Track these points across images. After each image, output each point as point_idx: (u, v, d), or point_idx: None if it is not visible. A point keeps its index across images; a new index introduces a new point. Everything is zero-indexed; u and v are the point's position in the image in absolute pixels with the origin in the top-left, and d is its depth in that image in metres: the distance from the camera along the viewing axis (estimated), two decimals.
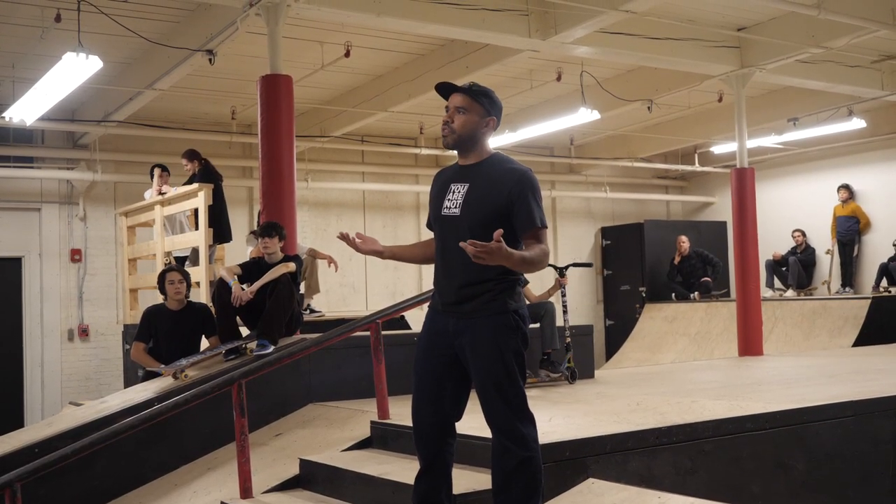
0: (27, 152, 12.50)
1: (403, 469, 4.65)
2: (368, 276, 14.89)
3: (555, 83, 11.80)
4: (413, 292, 13.43)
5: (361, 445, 5.60)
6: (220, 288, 7.01)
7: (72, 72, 8.37)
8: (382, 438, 5.56)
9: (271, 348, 6.70)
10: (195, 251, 9.56)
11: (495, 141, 12.75)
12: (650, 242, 16.40)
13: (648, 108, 12.47)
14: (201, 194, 8.98)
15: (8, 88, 10.77)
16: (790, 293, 14.93)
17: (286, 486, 5.26)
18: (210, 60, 8.98)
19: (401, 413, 5.37)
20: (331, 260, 9.55)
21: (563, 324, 7.51)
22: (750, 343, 10.71)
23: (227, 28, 8.45)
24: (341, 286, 14.44)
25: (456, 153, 3.92)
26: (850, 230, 15.08)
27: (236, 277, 7.03)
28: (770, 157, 16.26)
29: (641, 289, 16.32)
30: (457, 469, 4.02)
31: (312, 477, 5.25)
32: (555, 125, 12.78)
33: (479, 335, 3.69)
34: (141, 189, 11.25)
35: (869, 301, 12.58)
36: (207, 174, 9.69)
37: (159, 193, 10.07)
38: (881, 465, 5.74)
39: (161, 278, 7.44)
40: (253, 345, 6.80)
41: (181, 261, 9.73)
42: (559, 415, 5.57)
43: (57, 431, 6.05)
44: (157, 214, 9.89)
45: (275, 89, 7.82)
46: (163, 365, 6.89)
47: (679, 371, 9.16)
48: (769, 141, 14.93)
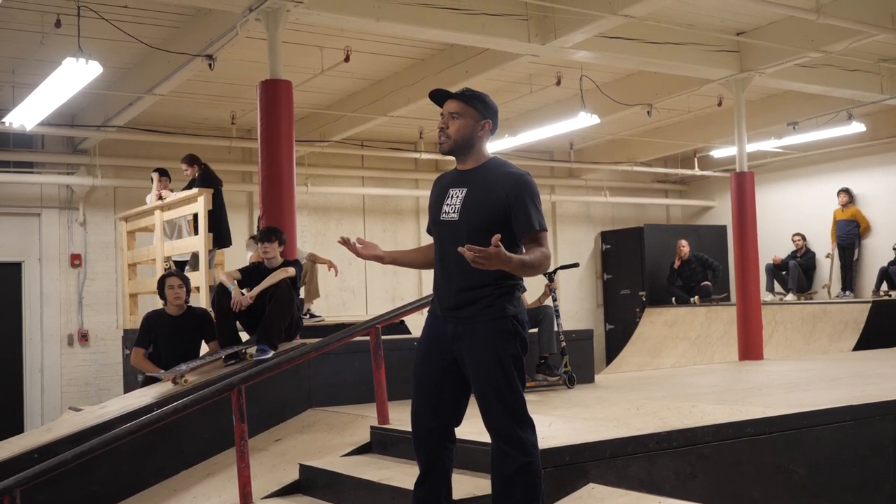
0: (27, 157, 12.51)
1: (403, 474, 4.64)
2: (368, 281, 14.88)
3: (554, 87, 11.81)
4: (413, 297, 13.43)
5: (361, 451, 5.59)
6: (220, 293, 7.01)
7: (72, 77, 8.38)
8: (382, 443, 5.55)
9: (271, 353, 6.69)
10: (195, 256, 9.56)
11: (495, 145, 12.77)
12: (650, 246, 16.40)
13: (648, 113, 12.48)
14: (201, 199, 8.97)
15: (8, 93, 10.78)
16: (790, 297, 14.93)
17: (286, 492, 5.26)
18: (210, 65, 8.99)
19: (401, 418, 5.37)
20: (331, 264, 9.55)
21: (557, 328, 7.50)
22: (750, 347, 10.70)
23: (227, 33, 8.45)
24: (341, 291, 14.44)
25: (454, 159, 3.93)
26: (851, 234, 15.08)
27: (236, 282, 7.03)
28: (770, 161, 16.26)
29: (641, 293, 16.32)
30: (456, 474, 4.01)
31: (312, 482, 5.24)
32: (554, 129, 12.78)
33: (478, 340, 3.69)
34: (141, 194, 11.26)
35: (869, 305, 12.57)
36: (207, 179, 9.68)
37: (159, 198, 10.07)
38: (881, 470, 5.74)
39: (161, 283, 7.44)
40: (253, 350, 6.80)
41: (181, 265, 9.73)
42: (559, 419, 5.57)
43: (56, 437, 6.03)
44: (157, 219, 9.89)
45: (274, 94, 7.82)
46: (162, 370, 6.88)
47: (679, 375, 9.16)
48: (769, 145, 14.94)
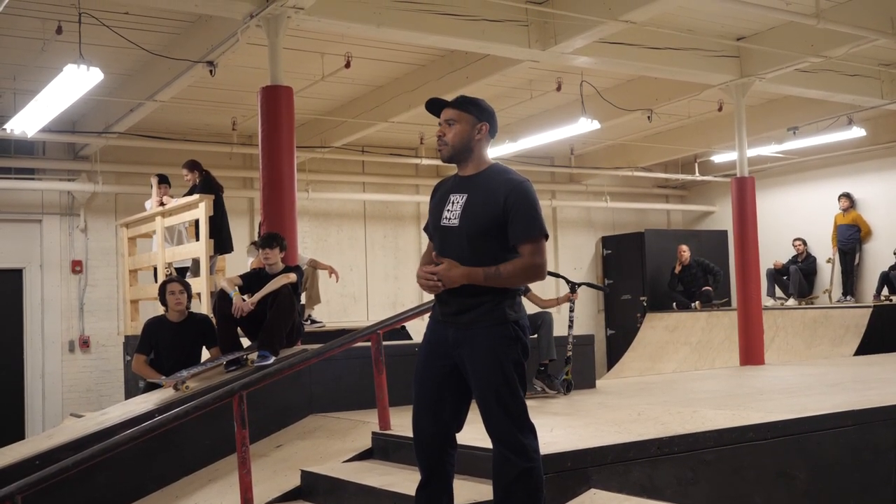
0: (28, 164, 12.53)
1: (405, 480, 4.64)
2: (369, 287, 14.88)
3: (555, 93, 11.83)
4: (414, 303, 13.40)
5: (363, 456, 5.59)
6: (221, 299, 7.00)
7: (73, 83, 8.38)
8: (384, 449, 5.55)
9: (272, 359, 6.69)
10: (195, 262, 9.56)
11: (495, 151, 12.77)
12: (651, 252, 16.41)
13: (648, 118, 12.49)
14: (202, 205, 8.98)
15: (9, 100, 10.80)
16: (791, 302, 14.92)
17: (287, 498, 5.26)
18: (211, 72, 9.01)
19: (402, 424, 5.36)
20: (332, 270, 9.56)
21: (568, 335, 7.48)
22: (751, 352, 10.70)
23: (228, 39, 8.47)
24: (342, 297, 14.43)
25: (455, 165, 3.94)
26: (851, 239, 15.07)
27: (237, 288, 7.02)
28: (770, 166, 16.27)
29: (642, 298, 16.31)
30: (458, 480, 4.01)
31: (314, 488, 5.24)
32: (555, 135, 12.79)
33: (479, 346, 3.69)
34: (141, 200, 11.27)
35: (870, 310, 12.56)
36: (208, 185, 9.70)
37: (160, 205, 10.08)
38: (883, 475, 5.73)
39: (162, 289, 7.44)
40: (254, 356, 6.80)
41: (181, 272, 9.73)
42: (560, 425, 5.57)
43: (58, 443, 6.04)
44: (158, 225, 9.89)
45: (275, 100, 7.83)
46: (164, 376, 6.88)
47: (680, 381, 9.15)
48: (769, 150, 14.94)
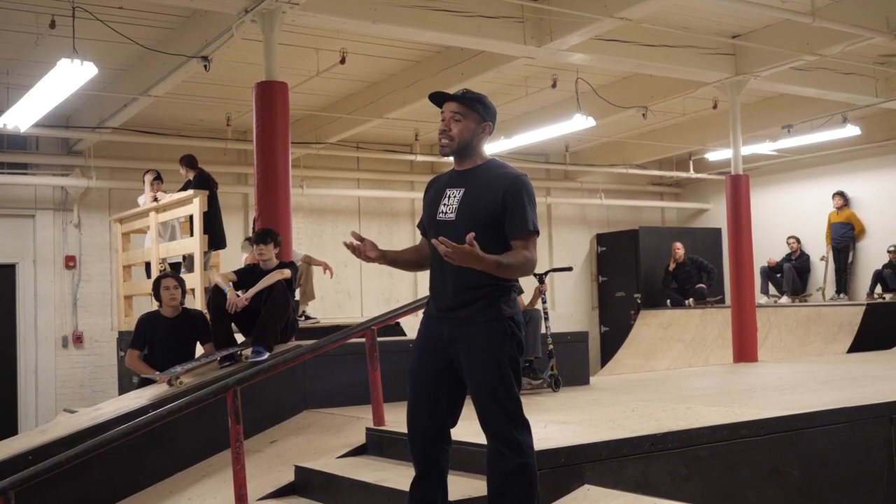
0: (21, 159, 12.49)
1: (399, 476, 4.64)
2: (363, 283, 14.88)
3: (550, 90, 11.82)
4: (408, 299, 13.43)
5: (357, 452, 5.60)
6: (216, 295, 7.00)
7: (66, 78, 8.36)
8: (378, 445, 5.55)
9: (266, 355, 6.68)
10: (189, 258, 9.55)
11: (490, 148, 12.74)
12: (645, 249, 16.43)
13: (643, 115, 12.50)
14: (196, 201, 8.97)
15: (2, 95, 10.75)
16: (785, 300, 14.95)
17: (281, 494, 5.26)
18: (205, 67, 8.98)
19: (396, 420, 5.36)
20: (326, 266, 9.55)
21: (545, 331, 7.48)
22: (745, 349, 10.72)
23: (223, 35, 8.45)
24: (336, 293, 14.43)
25: (453, 160, 3.93)
26: (845, 237, 15.11)
27: (231, 284, 7.02)
28: (765, 164, 16.30)
29: (636, 295, 16.34)
30: (453, 475, 4.01)
31: (308, 484, 5.24)
32: (550, 132, 12.79)
33: (475, 342, 3.69)
34: (135, 196, 11.26)
35: (863, 308, 12.60)
36: (202, 181, 9.68)
37: (154, 200, 10.06)
38: (875, 472, 5.75)
39: (156, 285, 7.43)
40: (248, 351, 6.79)
41: (174, 267, 9.72)
42: (554, 421, 5.58)
43: (51, 439, 6.02)
44: (152, 221, 9.88)
45: (270, 96, 7.81)
46: (157, 372, 6.87)
47: (674, 377, 9.17)
48: (764, 148, 14.96)
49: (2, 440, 6.83)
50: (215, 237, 9.37)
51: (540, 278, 7.64)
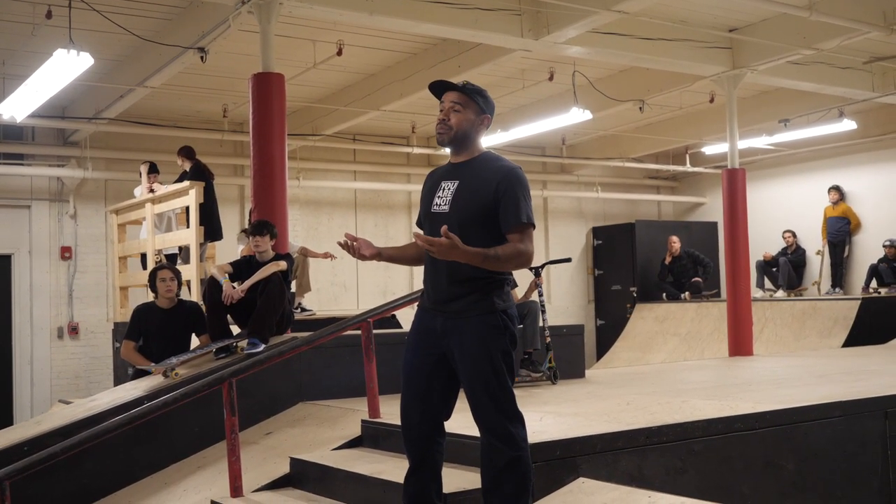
0: (17, 149, 12.46)
1: (394, 468, 4.65)
2: (360, 275, 14.88)
3: (547, 83, 11.81)
4: (404, 291, 13.43)
5: (352, 444, 5.60)
6: (211, 286, 7.00)
7: (63, 69, 8.33)
8: (373, 437, 5.56)
9: (262, 347, 6.69)
10: (185, 249, 9.54)
11: (487, 140, 12.76)
12: (641, 242, 16.44)
13: (640, 109, 12.49)
14: (192, 192, 8.96)
15: None
16: (780, 294, 14.98)
17: (276, 485, 5.26)
18: (202, 58, 8.96)
19: (392, 412, 5.36)
20: (326, 255, 9.58)
21: (542, 323, 7.48)
22: (740, 343, 10.74)
23: (220, 26, 8.43)
24: (333, 285, 14.44)
25: (449, 152, 3.92)
26: (841, 231, 15.13)
27: (227, 276, 7.02)
28: (761, 158, 16.31)
29: (632, 289, 16.35)
30: (447, 468, 4.02)
31: (303, 476, 5.24)
32: (547, 125, 12.78)
33: (468, 335, 3.69)
34: (131, 187, 11.25)
35: (858, 302, 12.62)
36: (198, 172, 9.67)
37: (150, 191, 10.06)
38: (869, 465, 5.76)
39: (152, 276, 7.42)
40: (244, 343, 6.80)
41: (170, 258, 9.71)
42: (549, 414, 5.58)
43: (46, 430, 6.02)
44: (148, 212, 9.87)
45: (267, 87, 7.80)
46: (153, 363, 6.88)
47: (669, 371, 9.18)
48: (760, 142, 14.98)
49: None
50: (211, 229, 9.38)
51: (536, 271, 7.64)
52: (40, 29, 8.97)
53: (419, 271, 3.96)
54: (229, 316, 7.13)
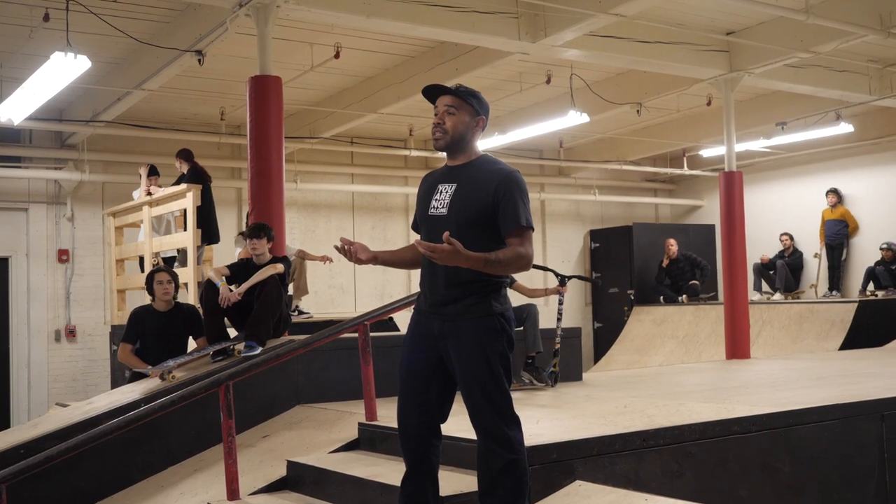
0: (14, 152, 12.45)
1: (391, 471, 4.65)
2: (357, 278, 14.88)
3: (544, 86, 11.82)
4: (401, 294, 13.43)
5: (349, 447, 5.59)
6: (208, 289, 6.99)
7: (60, 71, 8.33)
8: (370, 440, 5.55)
9: (259, 350, 6.68)
10: (182, 252, 9.54)
11: (485, 143, 12.77)
12: (639, 245, 16.44)
13: (637, 112, 12.50)
14: (189, 195, 8.96)
15: None
16: (777, 297, 14.98)
17: (273, 488, 5.25)
18: (199, 61, 8.96)
19: (388, 415, 5.36)
20: (324, 258, 9.59)
21: (556, 327, 7.48)
22: (737, 346, 10.74)
23: (217, 29, 8.43)
24: (330, 288, 14.44)
25: (445, 155, 3.92)
26: (839, 234, 15.14)
27: (224, 278, 7.01)
28: (758, 161, 16.32)
29: (630, 291, 16.35)
30: (444, 471, 4.02)
31: (300, 479, 5.24)
32: (544, 128, 12.79)
33: (465, 338, 3.69)
34: (129, 189, 11.24)
35: (856, 305, 12.63)
36: (196, 175, 9.67)
37: (148, 194, 10.05)
38: (866, 468, 5.77)
39: (149, 279, 7.42)
40: (240, 346, 6.79)
41: (168, 261, 9.71)
42: (546, 417, 5.58)
43: (43, 432, 6.01)
44: (145, 215, 9.86)
45: (264, 90, 7.80)
46: (150, 366, 6.86)
47: (666, 374, 9.18)
48: (757, 145, 14.99)
49: None
50: (209, 231, 9.37)
51: (562, 280, 7.65)
52: (37, 31, 8.96)
53: (416, 274, 3.96)
54: (226, 319, 7.12)
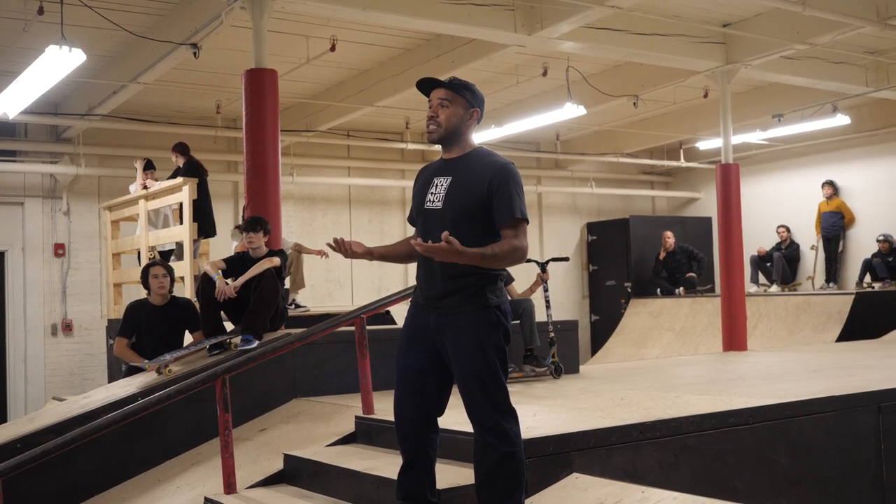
0: (10, 146, 12.42)
1: (388, 464, 4.65)
2: (354, 272, 14.87)
3: (541, 78, 11.81)
4: (398, 287, 13.42)
5: (346, 440, 5.60)
6: (205, 282, 6.99)
7: (55, 65, 8.30)
8: (367, 433, 5.56)
9: (255, 343, 6.68)
10: (179, 246, 9.53)
11: (481, 136, 12.76)
12: (635, 238, 16.45)
13: (634, 104, 12.47)
14: (186, 189, 8.95)
15: None
16: (774, 289, 14.99)
17: (270, 482, 5.26)
18: (195, 54, 8.92)
19: (385, 408, 5.36)
20: (320, 252, 9.58)
21: (547, 319, 7.50)
22: (734, 338, 10.75)
23: (212, 21, 8.40)
24: (327, 281, 14.43)
25: (440, 148, 3.92)
26: (835, 226, 15.14)
27: (220, 272, 7.01)
28: (755, 153, 16.32)
29: (627, 284, 16.37)
30: (441, 464, 4.02)
31: (297, 472, 5.24)
32: (541, 120, 12.77)
33: (461, 331, 3.69)
34: (125, 183, 11.22)
35: (852, 296, 12.64)
36: (192, 168, 9.65)
37: (144, 188, 10.03)
38: (863, 460, 5.78)
39: (145, 273, 7.41)
40: (237, 340, 6.79)
41: (165, 255, 9.70)
42: (543, 410, 5.58)
43: (40, 427, 6.01)
44: (142, 209, 9.85)
45: (260, 83, 7.78)
46: (146, 360, 6.86)
47: (664, 366, 9.19)
48: (754, 137, 14.98)
49: None
50: (205, 225, 9.35)
51: (542, 267, 7.66)
52: (32, 25, 8.93)
53: (413, 268, 3.96)
54: (223, 312, 7.12)
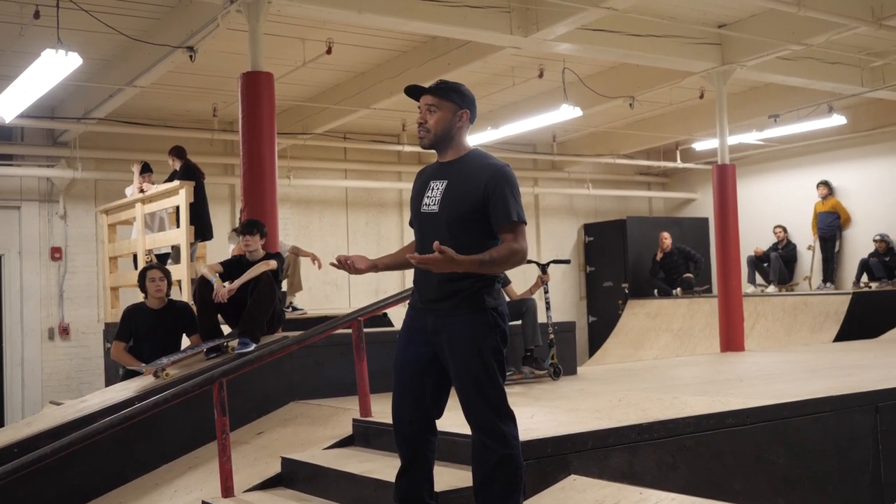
0: (6, 150, 12.41)
1: (386, 467, 4.64)
2: (351, 275, 14.84)
3: (537, 80, 11.81)
4: (395, 290, 13.39)
5: (343, 443, 5.60)
6: (202, 286, 6.98)
7: (51, 69, 8.30)
8: (364, 436, 5.55)
9: (253, 346, 6.68)
10: (176, 249, 9.52)
11: (477, 138, 12.76)
12: (632, 239, 16.46)
13: (630, 105, 12.48)
14: (182, 192, 8.94)
15: None
16: (771, 289, 15.00)
17: (268, 485, 5.25)
18: (191, 57, 8.93)
19: (383, 411, 5.36)
20: (314, 257, 9.55)
21: (547, 320, 7.50)
22: (731, 339, 10.75)
23: (208, 25, 8.40)
24: (324, 284, 14.41)
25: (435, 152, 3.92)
26: (832, 226, 15.15)
27: (217, 275, 7.00)
28: (751, 154, 16.34)
29: (624, 285, 16.37)
30: (439, 466, 4.02)
31: (294, 475, 5.24)
32: (537, 122, 12.78)
33: (458, 334, 3.69)
34: (121, 186, 11.21)
35: (849, 296, 12.65)
36: (188, 171, 9.64)
37: (140, 191, 10.02)
38: (861, 460, 5.78)
39: (142, 276, 7.40)
40: (234, 343, 6.79)
41: (162, 258, 9.69)
42: (541, 411, 5.58)
43: (37, 431, 6.01)
44: (139, 212, 9.84)
45: (256, 86, 7.78)
46: (143, 364, 6.86)
47: (661, 367, 9.19)
48: (750, 137, 14.99)
49: None
50: (202, 228, 9.35)
51: (542, 268, 7.66)
52: (28, 29, 8.92)
53: (410, 270, 3.96)
54: (220, 315, 7.11)
